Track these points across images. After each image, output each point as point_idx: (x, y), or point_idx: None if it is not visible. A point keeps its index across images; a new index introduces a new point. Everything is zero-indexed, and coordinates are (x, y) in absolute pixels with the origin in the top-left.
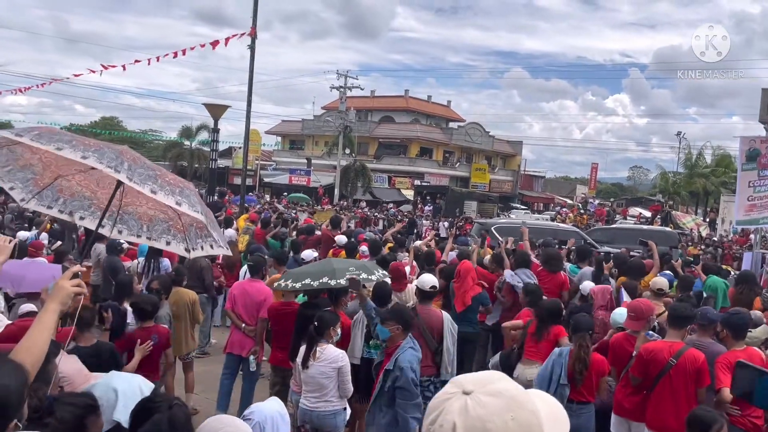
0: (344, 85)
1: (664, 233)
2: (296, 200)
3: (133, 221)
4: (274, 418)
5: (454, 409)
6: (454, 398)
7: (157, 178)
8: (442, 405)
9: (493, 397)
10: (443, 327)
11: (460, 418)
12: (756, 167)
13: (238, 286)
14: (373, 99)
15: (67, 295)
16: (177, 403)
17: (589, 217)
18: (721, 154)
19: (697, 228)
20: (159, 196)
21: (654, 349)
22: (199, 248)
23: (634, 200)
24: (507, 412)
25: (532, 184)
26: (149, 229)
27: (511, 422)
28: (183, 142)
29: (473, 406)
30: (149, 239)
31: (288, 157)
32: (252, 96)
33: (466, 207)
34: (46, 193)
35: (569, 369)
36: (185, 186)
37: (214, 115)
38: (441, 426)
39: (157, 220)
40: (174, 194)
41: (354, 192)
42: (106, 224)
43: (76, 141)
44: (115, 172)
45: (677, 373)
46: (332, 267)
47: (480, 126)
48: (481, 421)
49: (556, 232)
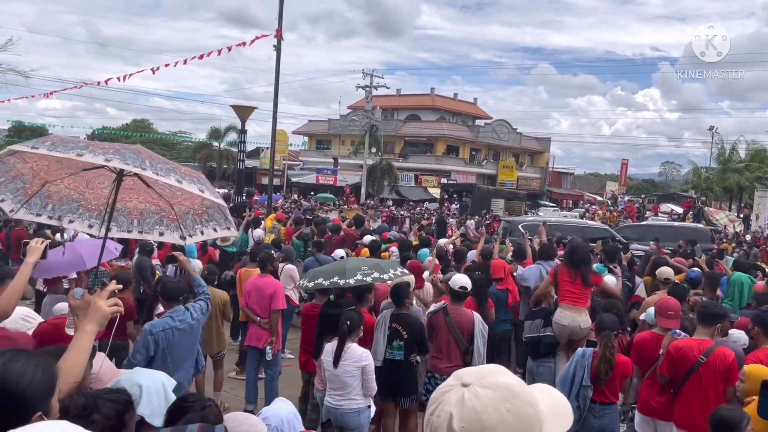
0: (370, 84)
1: (696, 230)
2: (323, 200)
3: (122, 218)
4: (289, 419)
5: (452, 400)
6: (452, 390)
7: (176, 170)
8: (442, 397)
9: (489, 389)
10: (474, 328)
11: (456, 409)
12: None
13: (250, 282)
14: (399, 98)
15: (104, 316)
16: (210, 404)
17: (619, 213)
18: (755, 148)
19: (731, 224)
20: (185, 185)
21: (683, 347)
22: (198, 233)
23: (666, 196)
24: (503, 403)
25: (561, 181)
26: (140, 222)
27: (507, 413)
28: (212, 143)
29: (470, 398)
30: (141, 233)
31: (315, 157)
32: (278, 96)
33: (494, 205)
34: (35, 201)
35: (593, 370)
36: (198, 176)
37: (242, 116)
38: (438, 417)
39: (148, 213)
40: (195, 183)
41: (380, 191)
42: (94, 224)
43: (93, 146)
44: (141, 170)
45: (707, 372)
46: (344, 267)
47: (507, 123)
48: (476, 412)
49: (584, 230)
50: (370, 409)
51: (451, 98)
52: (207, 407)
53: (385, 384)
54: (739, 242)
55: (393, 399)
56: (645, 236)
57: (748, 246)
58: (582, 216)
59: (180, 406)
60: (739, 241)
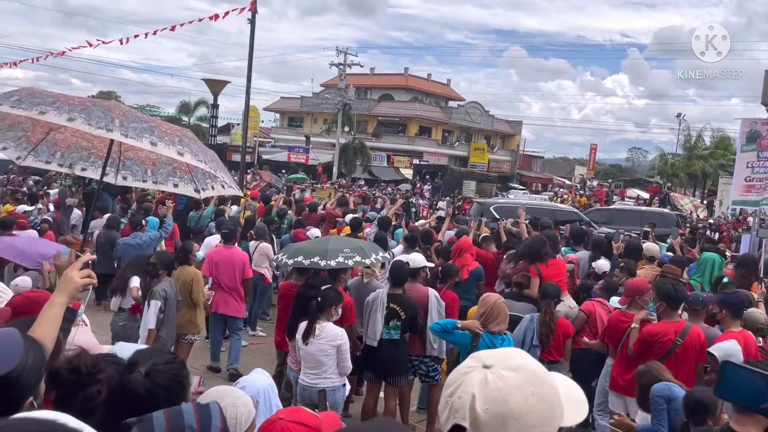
0: (343, 62)
1: (662, 214)
2: (295, 180)
3: (136, 167)
4: (266, 390)
5: (474, 381)
6: (474, 372)
7: (153, 130)
8: (462, 378)
9: (513, 371)
10: (428, 303)
11: (479, 389)
12: (756, 149)
13: (216, 253)
14: (373, 77)
15: (76, 288)
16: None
17: (588, 197)
18: (720, 136)
19: (695, 210)
20: (159, 147)
21: (659, 332)
22: (209, 188)
23: (633, 181)
24: (528, 386)
25: (531, 165)
26: (154, 173)
27: (532, 397)
28: (181, 117)
29: (493, 380)
30: (155, 183)
31: (286, 135)
32: (251, 71)
33: (465, 187)
34: (41, 149)
35: (539, 332)
36: (183, 134)
37: (214, 90)
38: (460, 398)
39: (161, 163)
40: (174, 144)
41: (353, 170)
42: (109, 172)
43: (60, 101)
44: (107, 132)
45: (684, 352)
46: (326, 247)
47: (480, 105)
48: (502, 393)
49: (555, 213)
50: (345, 387)
51: (425, 79)
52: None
53: (380, 364)
54: (704, 227)
55: (386, 378)
56: (612, 220)
57: (710, 230)
58: (551, 199)
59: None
60: (704, 227)
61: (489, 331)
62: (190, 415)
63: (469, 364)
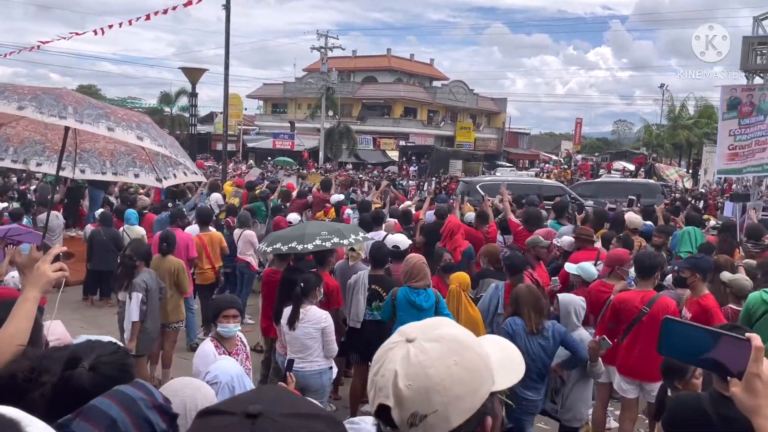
0: (325, 46)
1: (647, 185)
2: (281, 164)
3: (93, 159)
4: (240, 375)
5: (396, 358)
6: (397, 347)
7: (109, 115)
8: (385, 355)
9: (436, 342)
10: None
11: (401, 365)
12: (737, 116)
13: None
14: (355, 59)
15: (49, 282)
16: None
17: (573, 172)
18: (703, 105)
19: (681, 179)
20: (117, 133)
21: (626, 299)
22: (171, 176)
23: (619, 154)
24: (450, 356)
25: (517, 142)
26: (113, 164)
27: (455, 366)
28: (163, 108)
29: (415, 354)
30: (115, 174)
31: (271, 121)
32: (230, 58)
33: (452, 166)
34: None
35: (505, 300)
36: (141, 119)
37: (192, 78)
38: (383, 376)
39: (119, 154)
40: (132, 129)
41: (339, 154)
42: (66, 166)
43: (9, 90)
44: (60, 119)
45: (651, 321)
46: (303, 232)
47: (464, 84)
48: (423, 367)
49: (540, 188)
50: (331, 370)
51: (408, 59)
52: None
53: (364, 345)
54: (693, 197)
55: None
56: (598, 193)
57: (696, 199)
58: (537, 175)
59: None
60: (693, 197)
61: (410, 286)
62: (132, 390)
63: (393, 339)
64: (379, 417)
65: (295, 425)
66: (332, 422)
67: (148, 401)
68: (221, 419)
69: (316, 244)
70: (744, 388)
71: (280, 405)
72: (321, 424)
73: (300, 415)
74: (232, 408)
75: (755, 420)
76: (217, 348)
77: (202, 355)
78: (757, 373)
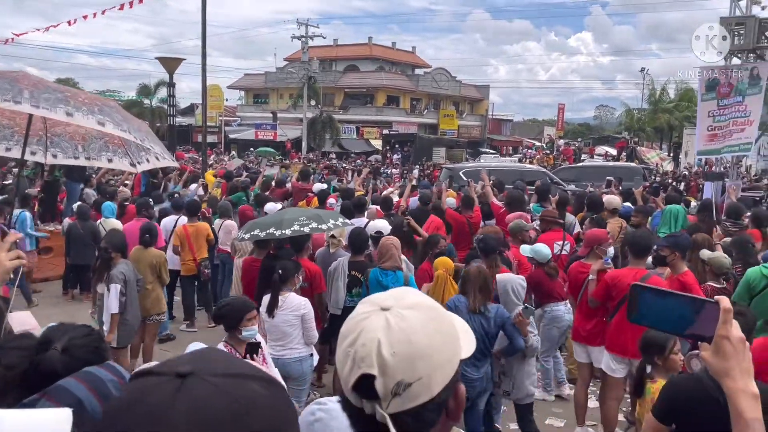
0: (305, 35)
1: (628, 169)
2: (264, 155)
3: (65, 143)
4: None
5: (377, 326)
6: (372, 316)
7: (68, 100)
8: (361, 325)
9: (413, 309)
10: None
11: (383, 333)
12: (715, 97)
13: (128, 227)
14: (337, 48)
15: (6, 271)
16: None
17: (556, 157)
18: (684, 88)
19: (662, 162)
20: (76, 118)
21: (618, 276)
22: (144, 161)
23: (601, 139)
24: (429, 323)
25: (501, 128)
26: (85, 148)
27: (436, 334)
28: (142, 100)
29: (396, 321)
30: (88, 159)
31: (253, 112)
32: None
33: (435, 154)
34: None
35: None
36: (104, 103)
37: (169, 69)
38: (364, 345)
39: (91, 138)
40: (94, 114)
41: (322, 144)
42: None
43: None
44: (15, 104)
45: None
46: (281, 218)
47: (446, 71)
48: (406, 334)
49: (523, 173)
50: (312, 357)
51: (390, 47)
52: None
53: None
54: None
55: None
56: (580, 178)
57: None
58: (520, 161)
59: None
60: (675, 179)
61: (380, 267)
62: (102, 372)
63: (364, 309)
64: (358, 389)
65: (227, 384)
66: (269, 383)
67: (117, 382)
68: (150, 379)
69: (294, 229)
70: (714, 352)
71: (214, 365)
72: (256, 385)
73: (233, 374)
74: (164, 369)
75: (725, 382)
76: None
77: None
78: (726, 336)
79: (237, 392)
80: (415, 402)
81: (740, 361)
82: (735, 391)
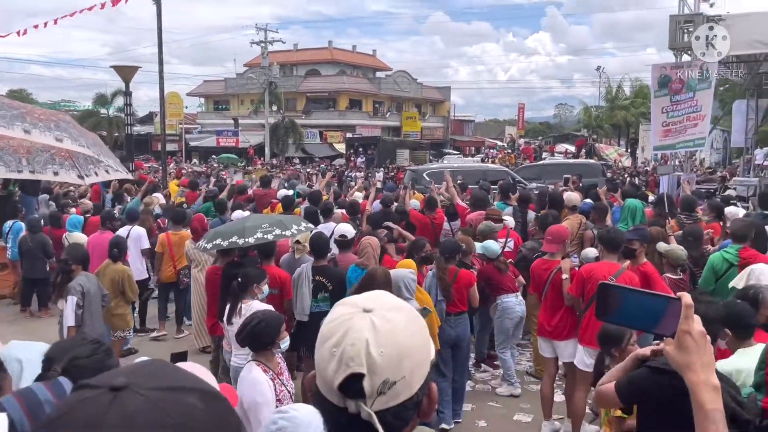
0: (265, 40)
1: (588, 166)
2: (226, 161)
3: (8, 156)
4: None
5: (362, 326)
6: (356, 317)
7: (25, 116)
8: (346, 325)
9: (395, 311)
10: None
11: (371, 334)
12: (668, 93)
13: (93, 238)
14: (297, 53)
15: None
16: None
17: (517, 156)
18: (638, 85)
19: (620, 158)
20: (34, 135)
21: (593, 270)
22: (93, 174)
23: (561, 137)
24: (410, 324)
25: (463, 129)
26: (30, 162)
27: (417, 334)
28: (99, 110)
29: (381, 323)
30: (33, 172)
31: (213, 119)
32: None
33: (399, 156)
34: None
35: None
36: (60, 119)
37: (125, 77)
38: (353, 345)
39: (36, 151)
40: (51, 130)
41: (285, 150)
42: None
43: None
44: None
45: None
46: (243, 225)
47: (407, 74)
48: (393, 335)
49: (486, 173)
50: None
51: (350, 51)
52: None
53: (312, 337)
54: (631, 175)
55: None
56: (541, 175)
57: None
58: (483, 160)
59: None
60: (631, 174)
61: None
62: (44, 391)
63: (345, 311)
64: (344, 389)
65: (161, 398)
66: (207, 395)
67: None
68: (85, 392)
69: (257, 237)
70: (676, 346)
71: (150, 378)
72: (193, 398)
73: (170, 388)
74: (101, 381)
75: (687, 375)
76: (266, 372)
77: (255, 384)
78: (688, 330)
79: (171, 406)
80: (397, 400)
81: (701, 355)
82: (697, 383)
